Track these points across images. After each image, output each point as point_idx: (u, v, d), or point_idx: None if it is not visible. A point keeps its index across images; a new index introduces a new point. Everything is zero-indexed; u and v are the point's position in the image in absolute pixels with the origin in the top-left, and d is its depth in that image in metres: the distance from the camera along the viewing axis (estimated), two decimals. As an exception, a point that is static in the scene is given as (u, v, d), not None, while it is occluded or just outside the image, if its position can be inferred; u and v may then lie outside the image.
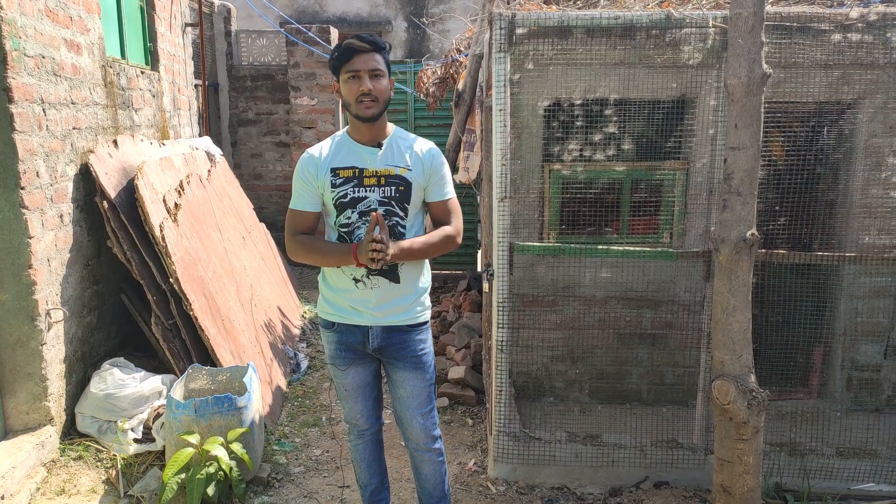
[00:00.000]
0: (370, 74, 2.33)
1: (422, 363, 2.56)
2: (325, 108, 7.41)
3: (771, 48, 3.14)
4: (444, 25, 10.53)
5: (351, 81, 2.34)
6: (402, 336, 2.52)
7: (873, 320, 3.66)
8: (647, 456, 3.31)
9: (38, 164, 3.23)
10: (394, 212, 2.42)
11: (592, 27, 3.16)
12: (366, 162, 2.43)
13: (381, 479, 2.82)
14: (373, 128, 2.42)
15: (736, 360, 2.52)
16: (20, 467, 3.02)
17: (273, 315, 5.02)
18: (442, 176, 2.50)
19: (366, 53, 2.33)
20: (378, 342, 2.51)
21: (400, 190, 2.42)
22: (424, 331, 2.58)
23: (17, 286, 3.16)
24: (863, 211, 3.54)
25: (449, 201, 2.53)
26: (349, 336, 2.54)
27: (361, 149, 2.45)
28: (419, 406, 2.58)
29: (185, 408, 3.11)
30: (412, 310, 2.52)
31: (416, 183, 2.44)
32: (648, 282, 3.72)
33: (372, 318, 2.48)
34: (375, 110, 2.36)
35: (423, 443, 2.63)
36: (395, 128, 2.53)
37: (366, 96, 2.33)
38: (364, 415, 2.68)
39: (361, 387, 2.63)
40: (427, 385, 2.59)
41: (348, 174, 2.42)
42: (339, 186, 2.42)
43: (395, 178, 2.42)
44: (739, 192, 2.44)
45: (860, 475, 3.19)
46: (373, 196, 2.41)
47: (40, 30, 3.28)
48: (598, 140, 3.55)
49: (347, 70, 2.34)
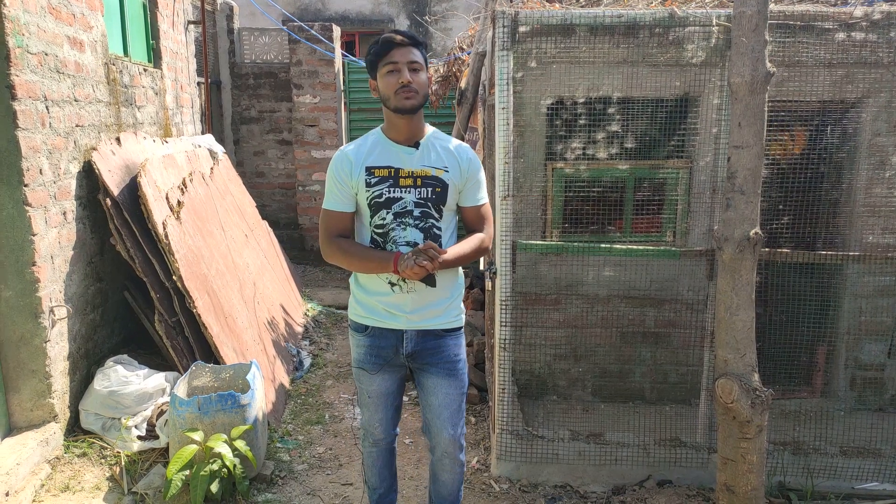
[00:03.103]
0: (409, 67, 2.28)
1: (456, 370, 2.50)
2: (327, 106, 7.41)
3: (775, 47, 3.14)
4: (447, 23, 10.51)
5: (389, 75, 2.28)
6: (437, 341, 2.46)
7: (877, 319, 3.65)
8: (651, 454, 3.31)
9: (42, 161, 3.24)
10: (429, 213, 2.37)
11: (595, 25, 3.16)
12: (402, 162, 2.37)
13: (391, 484, 2.79)
14: (410, 124, 2.36)
15: (739, 359, 2.51)
16: (25, 464, 3.03)
17: (276, 313, 5.03)
18: (478, 180, 2.44)
19: (404, 47, 2.28)
20: (412, 347, 2.45)
21: (436, 192, 2.36)
22: (459, 336, 2.53)
23: (21, 283, 3.16)
24: (867, 210, 3.54)
25: (483, 207, 2.47)
26: (382, 340, 2.47)
27: (398, 148, 2.39)
28: (451, 416, 2.52)
29: (189, 405, 3.11)
30: (448, 313, 2.47)
31: (453, 185, 2.38)
32: (651, 280, 3.72)
33: (407, 322, 2.42)
34: (415, 101, 2.29)
35: (452, 452, 2.57)
36: (432, 128, 2.46)
37: (405, 88, 2.26)
38: (382, 424, 2.62)
39: (385, 395, 2.56)
40: (460, 394, 2.53)
41: (384, 174, 2.36)
42: (373, 186, 2.36)
43: (432, 179, 2.36)
44: (743, 191, 2.44)
45: (864, 474, 3.19)
46: (409, 197, 2.35)
47: (43, 27, 3.28)
48: (601, 138, 3.55)
49: (386, 63, 2.29)
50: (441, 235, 2.40)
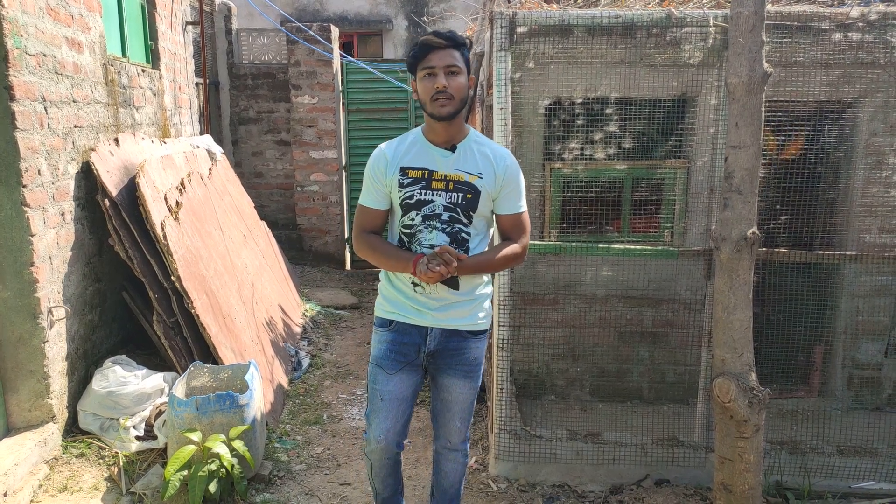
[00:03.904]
0: (445, 71, 2.24)
1: (474, 373, 2.50)
2: (325, 107, 7.41)
3: (772, 47, 3.14)
4: (445, 24, 10.52)
5: (426, 79, 2.27)
6: (460, 343, 2.45)
7: (874, 319, 3.66)
8: (648, 454, 3.32)
9: (40, 162, 3.24)
10: (457, 218, 2.34)
11: (593, 26, 3.17)
12: (437, 164, 2.35)
13: (396, 488, 2.74)
14: (448, 128, 2.33)
15: (737, 359, 2.52)
16: (23, 464, 3.03)
17: (274, 313, 5.03)
18: (515, 187, 2.40)
19: (442, 50, 2.25)
20: (435, 345, 2.44)
21: (467, 197, 2.33)
22: (483, 339, 2.51)
23: (20, 284, 3.16)
24: (863, 210, 3.55)
25: (520, 215, 2.43)
26: (405, 337, 2.45)
27: (434, 150, 2.37)
28: (461, 411, 2.54)
29: (187, 405, 3.11)
30: (474, 315, 2.45)
31: (486, 192, 2.34)
32: (649, 280, 3.72)
33: (433, 319, 2.41)
34: (451, 108, 2.27)
35: (455, 443, 2.60)
36: (473, 131, 2.43)
37: (441, 94, 2.24)
38: (386, 436, 2.50)
39: (399, 400, 2.48)
40: (473, 393, 2.54)
41: (417, 175, 2.35)
42: (406, 187, 2.35)
43: (464, 184, 2.34)
44: (740, 191, 2.45)
45: (861, 473, 3.20)
46: (439, 200, 2.33)
47: (42, 28, 3.28)
48: (599, 139, 3.56)
49: (423, 67, 2.27)
50: (469, 241, 2.38)
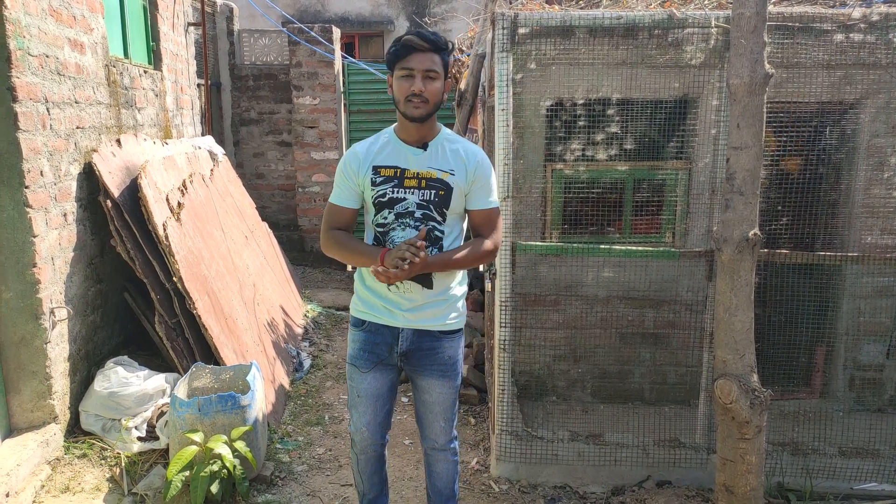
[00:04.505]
0: (423, 75, 2.27)
1: (451, 372, 2.51)
2: (327, 108, 7.41)
3: (773, 48, 3.14)
4: (447, 25, 10.52)
5: (403, 79, 2.28)
6: (433, 342, 2.46)
7: (876, 320, 3.66)
8: (650, 455, 3.32)
9: (42, 163, 3.24)
10: (431, 216, 2.37)
11: (595, 27, 3.17)
12: (409, 162, 2.38)
13: (381, 488, 2.77)
14: (420, 128, 2.36)
15: (738, 360, 2.52)
16: (25, 465, 3.03)
17: (276, 314, 5.03)
18: (486, 183, 2.41)
19: (423, 53, 2.27)
20: (407, 346, 2.45)
21: (440, 194, 2.36)
22: (457, 338, 2.52)
23: (22, 285, 3.17)
24: (865, 211, 3.54)
25: (491, 211, 2.44)
26: (377, 336, 2.47)
27: (406, 149, 2.39)
28: (443, 411, 2.55)
29: (189, 406, 3.12)
30: (446, 315, 2.46)
31: (458, 188, 2.37)
32: (651, 281, 3.72)
33: (405, 320, 2.43)
34: (423, 111, 2.30)
35: (442, 442, 2.61)
36: (444, 129, 2.46)
37: (415, 97, 2.27)
38: (370, 428, 2.57)
39: (375, 396, 2.53)
40: (453, 391, 2.55)
41: (389, 174, 2.37)
42: (378, 185, 2.37)
43: (437, 181, 2.36)
44: (742, 192, 2.45)
45: (863, 475, 3.20)
46: (411, 198, 2.35)
47: (44, 29, 3.29)
48: (601, 140, 3.56)
49: (402, 67, 2.28)
50: (443, 238, 2.39)
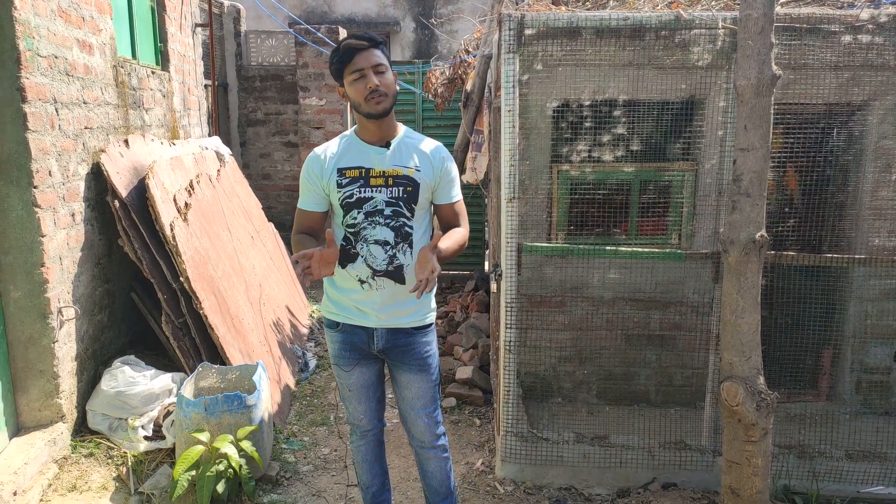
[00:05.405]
0: (374, 70, 2.31)
1: (427, 365, 2.57)
2: (333, 109, 7.43)
3: (781, 49, 3.13)
4: (453, 26, 10.54)
5: (357, 82, 2.32)
6: (408, 338, 2.52)
7: (883, 323, 3.64)
8: (655, 457, 3.31)
9: (51, 163, 3.26)
10: (401, 212, 2.41)
11: (601, 28, 3.16)
12: (373, 162, 2.42)
13: (383, 481, 2.82)
14: (382, 126, 2.40)
15: (745, 362, 2.51)
16: (32, 464, 3.05)
17: (282, 314, 5.04)
18: (451, 178, 2.49)
19: (365, 51, 2.31)
20: (383, 344, 2.51)
21: (408, 191, 2.40)
22: (430, 332, 2.59)
23: (30, 284, 3.18)
24: (873, 213, 3.53)
25: (457, 203, 2.52)
26: (353, 337, 2.53)
27: (369, 149, 2.43)
28: (423, 406, 2.60)
29: (196, 406, 3.13)
30: (418, 312, 2.51)
31: (425, 183, 2.43)
32: (657, 283, 3.72)
33: (377, 320, 2.48)
34: (386, 104, 2.34)
35: (428, 440, 2.65)
36: (405, 128, 2.51)
37: (374, 93, 2.30)
38: (367, 416, 2.67)
39: (365, 387, 2.62)
40: (432, 386, 2.60)
41: (355, 174, 2.41)
42: (345, 187, 2.41)
43: (403, 178, 2.41)
44: (749, 194, 2.44)
45: (869, 478, 3.18)
46: (379, 196, 2.40)
47: (53, 30, 3.31)
48: (607, 141, 3.55)
49: (351, 71, 2.32)
50: (413, 234, 2.44)
